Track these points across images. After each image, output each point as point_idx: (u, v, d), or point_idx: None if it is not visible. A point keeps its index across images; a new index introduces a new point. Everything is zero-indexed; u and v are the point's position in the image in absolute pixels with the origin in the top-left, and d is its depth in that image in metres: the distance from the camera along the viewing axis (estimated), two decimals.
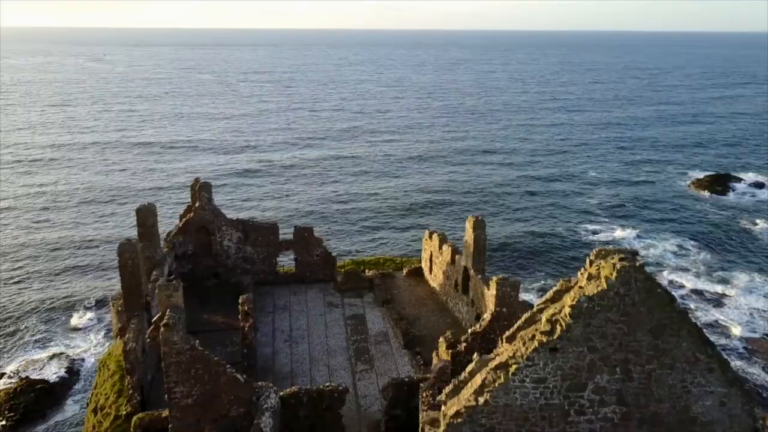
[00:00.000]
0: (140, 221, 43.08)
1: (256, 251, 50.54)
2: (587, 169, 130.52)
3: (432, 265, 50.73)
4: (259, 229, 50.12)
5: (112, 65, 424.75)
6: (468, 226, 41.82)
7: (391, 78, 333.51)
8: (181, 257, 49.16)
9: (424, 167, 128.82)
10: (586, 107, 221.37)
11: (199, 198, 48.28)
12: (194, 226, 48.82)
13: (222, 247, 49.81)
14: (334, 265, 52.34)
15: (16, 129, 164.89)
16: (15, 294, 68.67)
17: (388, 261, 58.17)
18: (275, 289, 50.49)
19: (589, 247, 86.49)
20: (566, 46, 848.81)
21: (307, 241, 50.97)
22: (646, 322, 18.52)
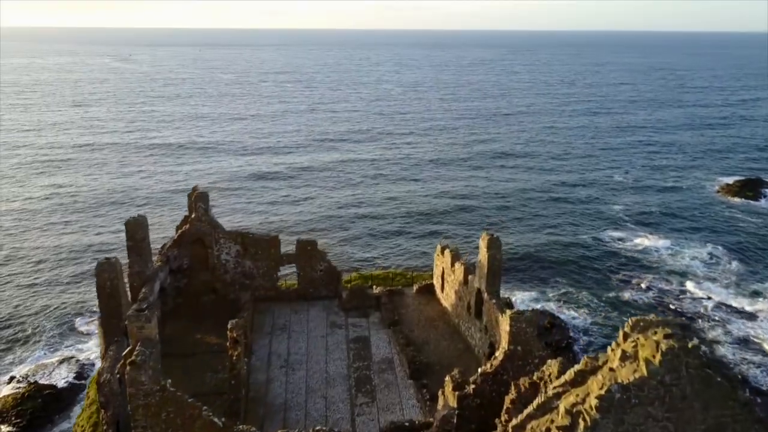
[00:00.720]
0: (129, 234, 40.20)
1: (256, 265, 47.43)
2: (612, 174, 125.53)
3: (444, 283, 47.14)
4: (258, 241, 47.00)
5: (138, 65, 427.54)
6: (482, 245, 38.16)
7: (410, 78, 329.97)
8: (176, 271, 46.24)
9: (444, 171, 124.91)
10: (612, 109, 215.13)
11: (196, 209, 45.28)
12: (190, 238, 45.86)
13: (219, 260, 46.80)
14: (339, 281, 49.02)
15: (37, 129, 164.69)
16: (28, 296, 66.73)
17: (398, 276, 54.78)
18: (275, 307, 47.35)
19: (614, 257, 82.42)
20: (590, 46, 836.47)
21: (310, 254, 47.73)
22: (700, 421, 13.94)
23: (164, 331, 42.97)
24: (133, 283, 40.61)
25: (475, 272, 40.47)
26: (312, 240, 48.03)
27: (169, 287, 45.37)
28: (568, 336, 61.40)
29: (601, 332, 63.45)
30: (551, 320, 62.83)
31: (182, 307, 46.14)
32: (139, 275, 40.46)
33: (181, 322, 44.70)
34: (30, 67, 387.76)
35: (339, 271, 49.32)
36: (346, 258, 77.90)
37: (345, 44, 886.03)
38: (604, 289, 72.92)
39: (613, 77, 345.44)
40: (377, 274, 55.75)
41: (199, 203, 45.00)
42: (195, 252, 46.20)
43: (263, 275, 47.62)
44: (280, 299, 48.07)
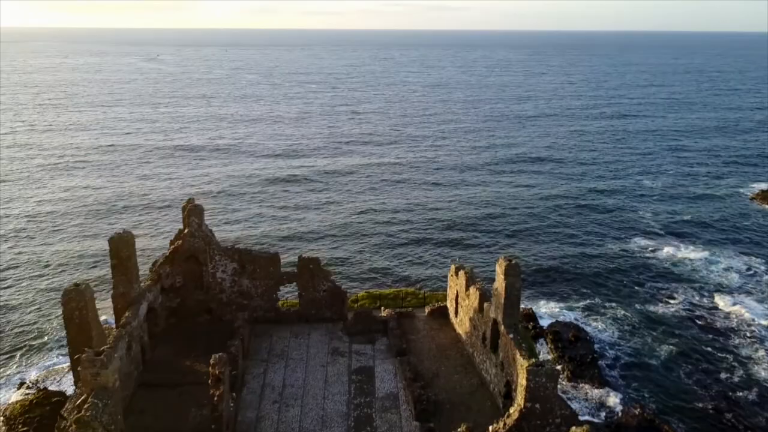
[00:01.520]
0: (114, 252, 36.93)
1: (254, 284, 43.89)
2: (641, 180, 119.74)
3: (458, 307, 43.01)
4: (257, 259, 43.42)
5: (164, 65, 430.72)
6: (498, 271, 34.01)
7: (435, 79, 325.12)
8: (168, 290, 42.92)
9: (467, 176, 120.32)
10: (641, 112, 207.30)
11: (189, 223, 41.90)
12: (183, 254, 42.49)
13: (215, 279, 43.36)
14: (344, 302, 45.18)
15: (62, 129, 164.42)
16: (45, 301, 64.68)
17: (409, 295, 50.70)
18: (275, 329, 43.76)
19: (643, 267, 77.63)
20: (617, 47, 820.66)
21: (312, 273, 44.01)
22: None
23: (152, 356, 39.75)
24: (117, 306, 37.40)
25: (491, 300, 36.30)
26: (314, 257, 44.24)
27: (160, 307, 42.07)
28: (593, 350, 57.34)
29: (628, 347, 59.35)
30: (576, 333, 58.94)
31: (174, 329, 42.85)
32: (124, 297, 37.20)
33: (171, 345, 41.38)
34: (60, 67, 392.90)
35: (344, 291, 45.47)
36: (359, 267, 74.51)
37: (371, 44, 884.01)
38: (632, 301, 68.65)
39: (642, 79, 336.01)
40: (387, 293, 51.78)
41: (192, 217, 41.60)
42: (188, 269, 42.84)
43: (262, 295, 44.07)
44: (279, 321, 44.47)
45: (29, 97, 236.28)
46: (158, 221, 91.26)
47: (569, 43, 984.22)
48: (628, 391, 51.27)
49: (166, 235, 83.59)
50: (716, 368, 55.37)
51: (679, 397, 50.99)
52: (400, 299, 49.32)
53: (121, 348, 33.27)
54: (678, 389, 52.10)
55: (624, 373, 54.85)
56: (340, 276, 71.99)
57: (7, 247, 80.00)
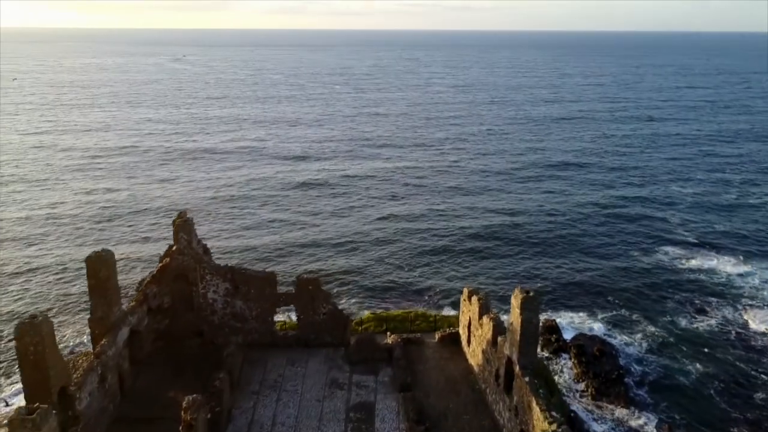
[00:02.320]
0: (91, 273, 33.73)
1: (248, 306, 40.43)
2: (670, 187, 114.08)
3: (470, 335, 39.00)
4: (251, 279, 39.94)
5: (190, 65, 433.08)
6: (514, 304, 29.96)
7: (460, 80, 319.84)
8: (155, 311, 39.67)
9: (491, 182, 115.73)
10: (672, 115, 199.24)
11: (178, 239, 38.60)
12: (171, 273, 39.20)
13: (206, 299, 39.99)
14: (346, 327, 41.44)
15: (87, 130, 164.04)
16: (59, 306, 62.99)
17: (419, 317, 46.73)
18: (270, 355, 40.23)
19: (673, 277, 73.67)
20: (646, 47, 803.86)
21: (311, 295, 40.38)
22: None
23: (133, 385, 36.51)
24: (95, 331, 34.24)
25: (506, 334, 32.24)
26: (314, 278, 40.61)
27: (146, 329, 38.82)
28: (619, 366, 53.92)
29: (657, 363, 55.66)
30: (600, 347, 55.43)
31: (162, 353, 39.60)
32: (102, 322, 34.01)
33: (157, 371, 38.13)
34: (88, 67, 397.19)
35: (346, 314, 41.77)
36: (371, 279, 71.02)
37: (395, 45, 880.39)
38: (661, 314, 64.64)
39: (672, 80, 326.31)
40: (395, 314, 47.86)
41: (181, 233, 38.27)
42: (177, 289, 39.54)
43: (257, 318, 40.60)
44: (276, 345, 40.94)
45: (54, 96, 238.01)
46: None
47: (596, 43, 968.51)
48: (657, 412, 47.88)
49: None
50: (751, 389, 51.46)
51: (711, 421, 47.43)
52: (408, 322, 45.37)
53: (90, 382, 30.07)
54: (710, 411, 48.52)
55: (652, 392, 51.21)
56: (351, 286, 69.23)
57: (30, 250, 78.26)
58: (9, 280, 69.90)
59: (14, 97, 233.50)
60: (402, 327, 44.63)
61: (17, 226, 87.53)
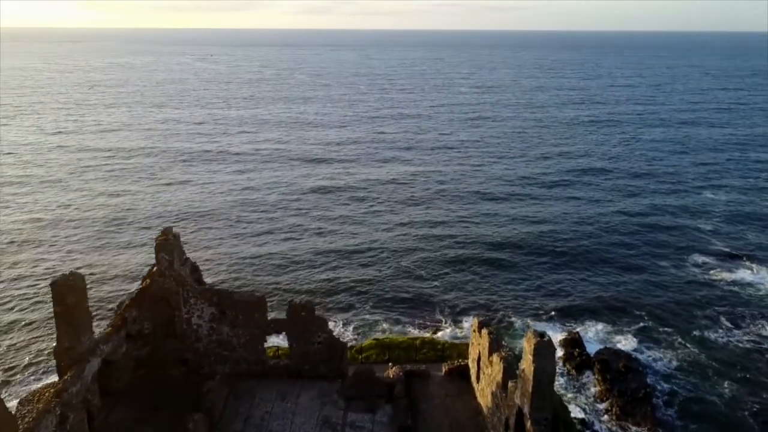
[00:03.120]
0: (57, 299, 30.51)
1: (236, 333, 36.94)
2: (702, 194, 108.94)
3: (480, 371, 34.94)
4: (239, 304, 36.43)
5: (217, 64, 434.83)
6: (527, 349, 25.93)
7: (486, 81, 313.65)
8: (135, 337, 36.41)
9: (517, 188, 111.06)
10: (705, 119, 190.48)
11: (158, 260, 35.28)
12: (152, 296, 35.90)
13: (190, 325, 36.60)
14: (343, 357, 37.69)
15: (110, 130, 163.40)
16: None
17: (426, 345, 42.71)
18: (259, 387, 36.68)
19: (704, 289, 70.26)
20: (679, 47, 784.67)
21: (305, 322, 36.72)
22: None
23: (105, 421, 33.27)
24: (61, 363, 31.02)
25: (517, 380, 28.14)
26: (308, 303, 36.87)
27: (125, 358, 35.58)
28: (645, 384, 50.49)
29: (687, 381, 52.31)
30: (626, 363, 52.42)
31: (142, 382, 36.32)
32: (69, 353, 30.78)
33: (135, 404, 34.83)
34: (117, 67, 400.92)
35: (343, 343, 38.01)
36: (383, 291, 67.72)
37: (423, 45, 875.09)
38: (691, 328, 61.66)
39: (705, 82, 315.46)
40: (399, 340, 43.86)
41: (162, 253, 34.92)
42: (159, 314, 36.22)
43: (245, 346, 37.08)
44: (266, 376, 37.38)
45: (83, 96, 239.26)
46: (191, 230, 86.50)
47: (627, 43, 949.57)
48: None
49: (194, 244, 79.09)
50: None
51: None
52: (414, 350, 41.42)
53: (46, 426, 26.78)
54: None
55: (681, 413, 48.16)
56: (364, 296, 66.41)
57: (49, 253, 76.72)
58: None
59: (41, 96, 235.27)
60: (406, 356, 40.74)
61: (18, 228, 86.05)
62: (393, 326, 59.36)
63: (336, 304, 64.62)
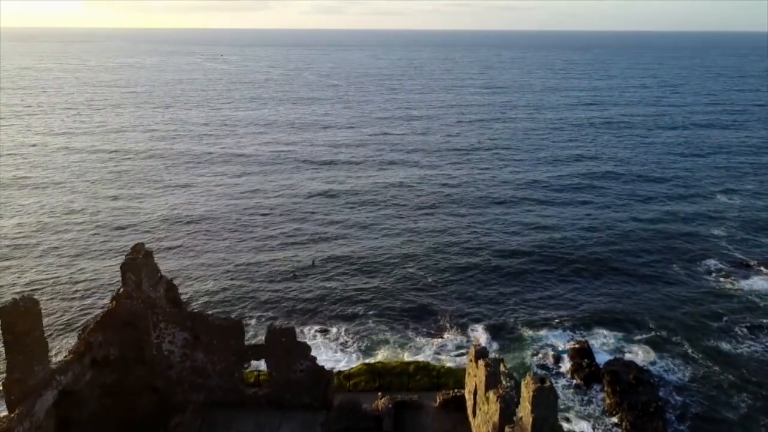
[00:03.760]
0: (6, 327, 27.61)
1: (211, 359, 33.95)
2: (715, 198, 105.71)
3: (476, 405, 31.69)
4: (214, 328, 33.43)
5: (227, 64, 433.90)
6: (524, 395, 22.77)
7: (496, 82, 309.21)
8: (101, 363, 33.49)
9: (526, 192, 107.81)
10: (720, 122, 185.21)
11: (125, 281, 32.33)
12: (119, 320, 32.97)
13: (160, 351, 33.65)
14: (328, 386, 34.57)
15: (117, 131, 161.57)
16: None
17: (420, 371, 39.49)
18: (237, 418, 33.69)
19: (717, 296, 67.83)
20: (693, 48, 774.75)
21: (285, 349, 33.66)
22: None
23: None
24: (11, 396, 28.13)
25: (514, 425, 24.85)
26: (289, 328, 33.84)
27: (89, 386, 32.64)
28: (657, 397, 48.26)
29: (700, 394, 49.96)
30: (637, 375, 50.05)
31: (109, 413, 33.41)
32: (19, 385, 27.88)
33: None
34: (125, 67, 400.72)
35: (328, 371, 34.87)
36: (386, 302, 65.26)
37: (434, 45, 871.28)
38: (705, 338, 58.53)
39: (721, 83, 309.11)
40: (392, 365, 40.66)
41: (129, 274, 31.96)
42: (126, 339, 33.27)
43: (221, 373, 34.07)
44: (244, 405, 34.35)
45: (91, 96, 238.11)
46: (192, 235, 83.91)
47: (639, 43, 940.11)
48: None
49: (194, 249, 76.84)
50: None
51: None
52: (407, 376, 38.21)
53: None
54: None
55: (694, 428, 45.76)
56: (366, 306, 64.11)
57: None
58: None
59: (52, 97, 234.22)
60: (399, 383, 37.59)
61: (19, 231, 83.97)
62: (396, 336, 57.46)
63: (338, 313, 62.65)
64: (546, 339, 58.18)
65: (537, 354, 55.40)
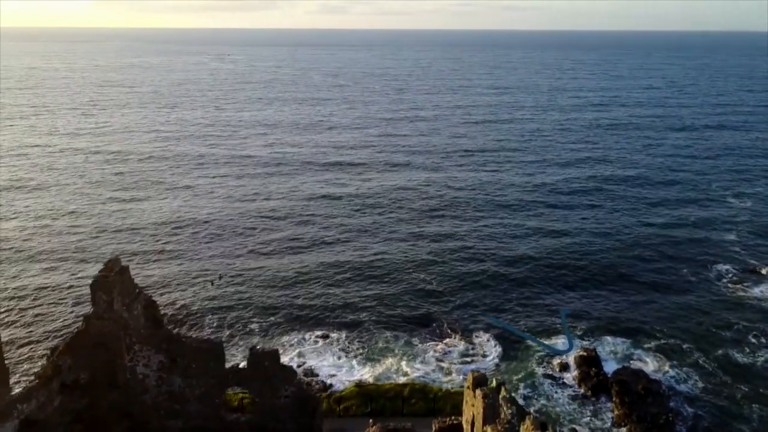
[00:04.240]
0: None
1: (189, 384, 31.63)
2: (725, 201, 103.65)
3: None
4: (191, 351, 31.13)
5: (234, 64, 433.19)
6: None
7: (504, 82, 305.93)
8: (71, 387, 31.25)
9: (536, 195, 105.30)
10: (730, 123, 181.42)
11: (95, 301, 30.07)
12: (89, 342, 30.71)
13: (134, 375, 31.38)
14: (316, 411, 32.20)
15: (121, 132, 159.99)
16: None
17: (416, 393, 37.01)
18: None
19: (730, 303, 65.85)
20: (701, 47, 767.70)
21: (268, 373, 31.31)
22: None
23: None
24: None
25: None
26: (273, 350, 31.49)
27: (57, 413, 30.41)
28: (667, 408, 46.55)
29: (712, 405, 47.84)
30: (646, 385, 48.28)
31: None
32: None
33: None
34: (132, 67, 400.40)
35: (315, 397, 32.50)
36: (389, 310, 63.28)
37: (440, 45, 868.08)
38: (717, 346, 56.70)
39: (732, 83, 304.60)
40: (386, 387, 38.25)
41: (99, 293, 29.70)
42: (97, 361, 31.02)
43: (200, 398, 31.75)
44: None
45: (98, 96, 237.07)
46: (192, 239, 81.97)
47: (648, 43, 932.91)
48: None
49: (195, 253, 76.08)
50: None
51: None
52: (401, 400, 35.76)
53: None
54: None
55: None
56: (369, 313, 62.46)
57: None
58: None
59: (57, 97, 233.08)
60: (392, 407, 35.17)
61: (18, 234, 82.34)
62: (399, 343, 56.00)
63: (340, 319, 61.17)
64: (552, 346, 56.12)
65: (542, 363, 53.67)
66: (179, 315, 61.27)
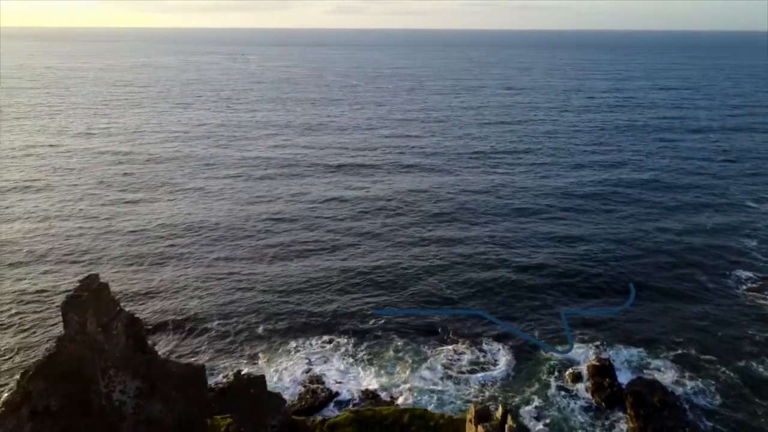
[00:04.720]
0: None
1: (170, 409, 29.42)
2: (749, 207, 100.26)
3: None
4: (171, 376, 28.91)
5: (247, 64, 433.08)
6: None
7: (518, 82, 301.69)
8: (42, 414, 29.15)
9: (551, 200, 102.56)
10: (750, 124, 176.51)
11: (67, 322, 27.91)
12: (60, 366, 28.58)
13: (110, 401, 29.18)
14: None
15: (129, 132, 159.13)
16: None
17: (416, 421, 34.54)
18: None
19: (749, 310, 63.54)
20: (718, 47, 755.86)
21: (254, 400, 29.01)
22: None
23: None
24: None
25: None
26: (259, 376, 29.22)
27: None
28: (685, 422, 44.81)
29: (731, 419, 45.88)
30: (662, 397, 46.40)
31: None
32: None
33: None
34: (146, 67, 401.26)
35: (308, 427, 30.10)
36: (393, 320, 60.12)
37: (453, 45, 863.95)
38: (736, 357, 54.59)
39: (751, 83, 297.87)
40: (383, 413, 35.74)
41: (71, 314, 27.54)
42: (70, 387, 28.86)
43: (181, 425, 29.49)
44: None
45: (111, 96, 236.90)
46: (196, 244, 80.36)
47: (666, 43, 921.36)
48: None
49: (197, 259, 74.61)
50: None
51: None
52: (399, 428, 33.33)
53: None
54: None
55: None
56: (377, 319, 60.86)
57: None
58: None
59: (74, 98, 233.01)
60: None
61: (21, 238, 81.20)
62: (407, 350, 54.64)
63: (348, 325, 59.81)
64: (565, 355, 53.89)
65: (554, 372, 51.89)
66: (183, 319, 59.77)
